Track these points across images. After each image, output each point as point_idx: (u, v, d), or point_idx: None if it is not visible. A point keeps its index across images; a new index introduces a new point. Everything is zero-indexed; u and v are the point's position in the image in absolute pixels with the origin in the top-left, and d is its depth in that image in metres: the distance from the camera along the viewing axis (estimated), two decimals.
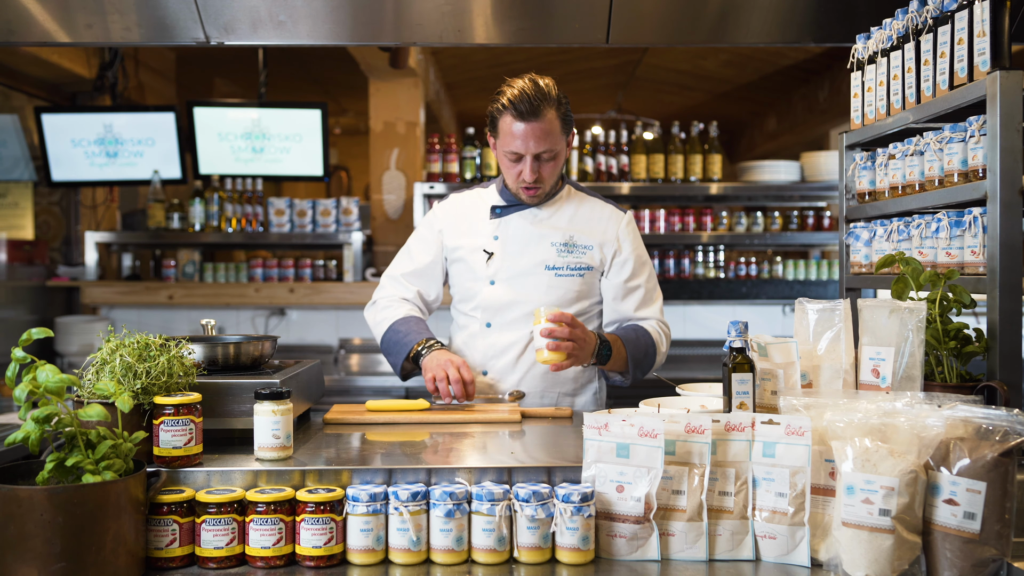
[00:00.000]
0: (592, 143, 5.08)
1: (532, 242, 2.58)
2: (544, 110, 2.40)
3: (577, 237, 2.58)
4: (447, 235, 2.66)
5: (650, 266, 2.67)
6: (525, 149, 2.42)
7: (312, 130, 5.32)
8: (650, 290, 2.64)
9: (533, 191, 2.52)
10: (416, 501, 1.63)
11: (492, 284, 2.58)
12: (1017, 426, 1.49)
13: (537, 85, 2.41)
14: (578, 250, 2.57)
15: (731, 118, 9.34)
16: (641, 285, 2.61)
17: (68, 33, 3.12)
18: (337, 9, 3.06)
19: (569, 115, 2.48)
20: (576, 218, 2.61)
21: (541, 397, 2.57)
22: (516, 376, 2.57)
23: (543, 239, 2.57)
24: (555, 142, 2.44)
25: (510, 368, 2.58)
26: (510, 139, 2.43)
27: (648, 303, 2.63)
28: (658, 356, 2.59)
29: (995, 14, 1.90)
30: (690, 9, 3.13)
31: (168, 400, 1.75)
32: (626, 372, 2.55)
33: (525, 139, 2.41)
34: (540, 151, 2.43)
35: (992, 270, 1.85)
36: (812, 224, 5.17)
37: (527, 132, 2.40)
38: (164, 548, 1.62)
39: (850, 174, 2.53)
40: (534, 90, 2.39)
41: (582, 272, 2.57)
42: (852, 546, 1.53)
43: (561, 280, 2.55)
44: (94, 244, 5.23)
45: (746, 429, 1.66)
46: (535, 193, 2.53)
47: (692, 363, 5.17)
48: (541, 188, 2.52)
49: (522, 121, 2.39)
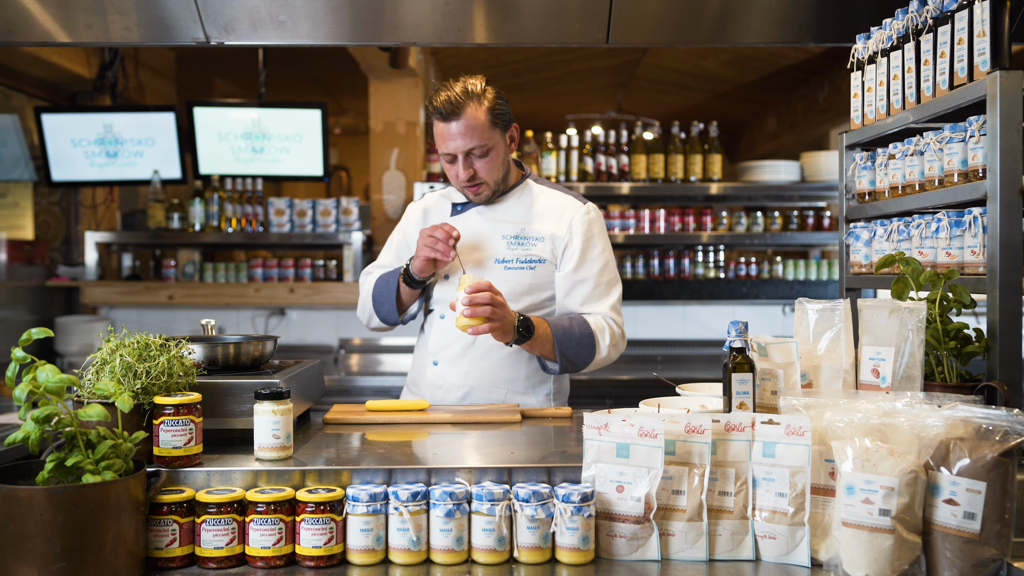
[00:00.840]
0: (592, 143, 5.08)
1: (484, 237, 2.57)
2: (466, 108, 2.42)
3: (529, 229, 2.56)
4: (411, 236, 2.71)
5: (605, 260, 2.57)
6: (454, 148, 2.45)
7: (312, 130, 5.32)
8: (601, 284, 2.55)
9: (474, 189, 2.53)
10: (416, 501, 1.63)
11: (446, 279, 2.60)
12: (1017, 426, 1.49)
13: (462, 85, 2.45)
14: (528, 242, 2.55)
15: (731, 118, 9.34)
16: (589, 278, 2.54)
17: (68, 33, 3.12)
18: (337, 9, 3.06)
19: (502, 110, 2.49)
20: (531, 211, 2.59)
21: (490, 392, 2.54)
22: (463, 367, 2.55)
23: (495, 233, 2.57)
24: (483, 138, 2.44)
25: (458, 358, 2.56)
26: (440, 141, 2.48)
27: (597, 299, 2.54)
28: (599, 350, 2.49)
29: (995, 14, 1.90)
30: (690, 9, 3.13)
31: (168, 400, 1.75)
32: (554, 359, 2.49)
33: (452, 138, 2.44)
34: (468, 148, 2.44)
35: (992, 270, 1.85)
36: (812, 224, 5.17)
37: (451, 131, 2.44)
38: (164, 548, 1.63)
39: (850, 174, 2.53)
40: (456, 90, 2.43)
41: (533, 265, 2.54)
42: (852, 546, 1.53)
43: (511, 273, 2.53)
44: (94, 244, 5.23)
45: (746, 429, 1.66)
46: (477, 191, 2.53)
47: (692, 363, 5.17)
48: (483, 185, 2.52)
49: (445, 121, 2.44)
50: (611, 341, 2.51)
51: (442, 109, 2.43)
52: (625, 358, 5.23)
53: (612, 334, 2.51)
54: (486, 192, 2.54)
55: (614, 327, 2.53)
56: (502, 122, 2.50)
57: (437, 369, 2.59)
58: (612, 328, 2.52)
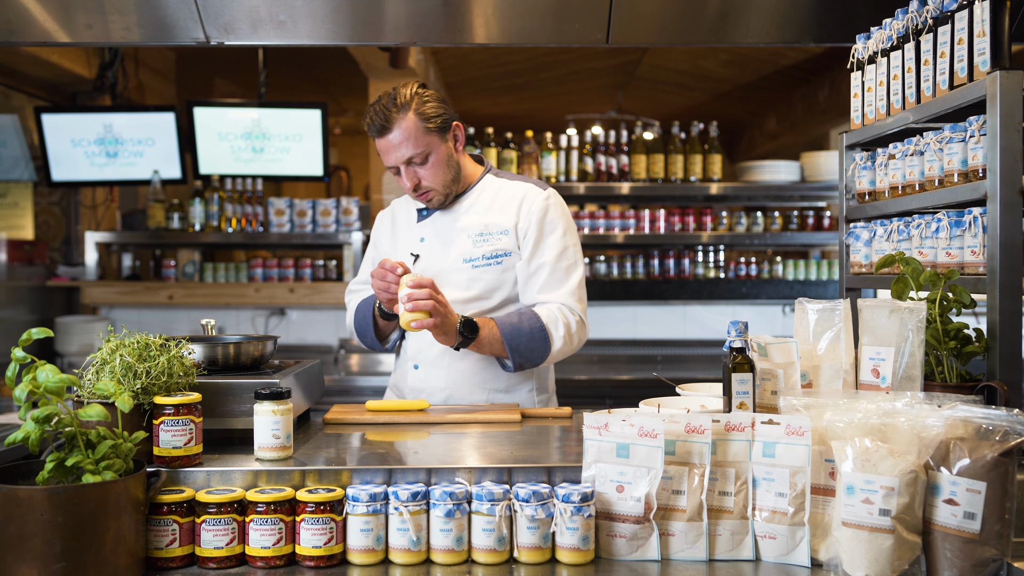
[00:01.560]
0: (592, 143, 5.08)
1: (451, 238, 2.54)
2: (395, 120, 2.39)
3: (492, 224, 2.52)
4: (381, 246, 2.71)
5: (564, 246, 2.50)
6: (394, 160, 2.43)
7: (312, 130, 5.32)
8: (559, 270, 2.48)
9: (424, 196, 2.50)
10: (416, 501, 1.63)
11: None
12: (1017, 426, 1.49)
13: (389, 97, 2.41)
14: (493, 237, 2.51)
15: (731, 118, 9.34)
16: (546, 264, 2.48)
17: (68, 33, 3.12)
18: (337, 9, 3.06)
19: (436, 113, 2.42)
20: (493, 205, 2.55)
21: (471, 392, 2.53)
22: (443, 370, 2.54)
23: (461, 233, 2.54)
24: (419, 145, 2.40)
25: (438, 361, 2.54)
26: (382, 157, 2.46)
27: (552, 286, 2.48)
28: (552, 342, 2.42)
29: (995, 14, 1.90)
30: (690, 9, 3.13)
31: (168, 400, 1.75)
32: (507, 357, 2.44)
33: (388, 151, 2.42)
34: (406, 158, 2.42)
35: (992, 270, 1.85)
36: (812, 224, 5.17)
37: (385, 146, 2.42)
38: (164, 548, 1.63)
39: (850, 174, 2.53)
40: (384, 103, 2.40)
41: (499, 259, 2.50)
42: (852, 546, 1.53)
43: (479, 271, 2.50)
44: (94, 244, 5.23)
45: (746, 429, 1.66)
46: (428, 198, 2.50)
47: (692, 363, 5.17)
48: (432, 192, 2.48)
49: (379, 137, 2.42)
50: (565, 332, 2.43)
51: (373, 126, 2.41)
52: (625, 358, 5.25)
53: (566, 324, 2.43)
54: (437, 198, 2.50)
55: (568, 316, 2.45)
56: (438, 125, 2.43)
57: (418, 373, 2.58)
58: (566, 317, 2.44)
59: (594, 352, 5.20)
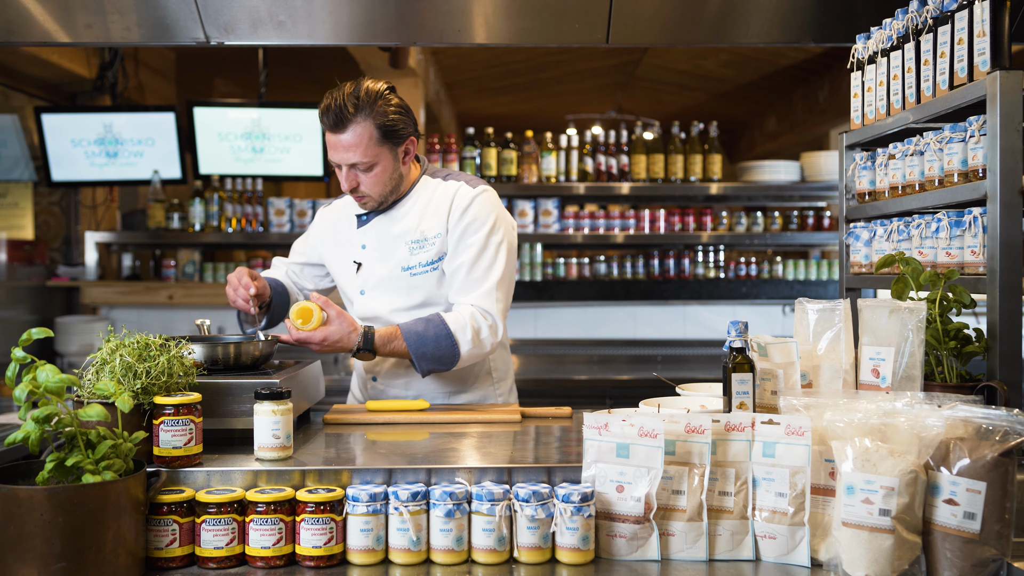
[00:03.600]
0: (592, 143, 5.08)
1: (390, 246, 2.48)
2: (351, 122, 2.29)
3: (426, 229, 2.45)
4: (324, 247, 2.65)
5: (483, 245, 2.41)
6: (338, 160, 2.35)
7: (312, 130, 5.32)
8: (476, 270, 2.41)
9: (359, 200, 2.44)
10: (416, 501, 1.63)
11: (362, 294, 2.53)
12: (1017, 426, 1.49)
13: (352, 94, 2.30)
14: (427, 243, 2.45)
15: (731, 118, 9.34)
16: (463, 264, 2.41)
17: (68, 33, 3.12)
18: (337, 9, 3.07)
19: (396, 125, 2.34)
20: (427, 209, 2.47)
21: (433, 396, 2.52)
22: (403, 379, 2.53)
23: (399, 240, 2.47)
24: (368, 154, 2.32)
25: (395, 370, 2.54)
26: (328, 147, 2.37)
27: (469, 287, 2.40)
28: (460, 346, 2.35)
29: (995, 14, 1.90)
30: (690, 9, 3.13)
31: (168, 400, 1.75)
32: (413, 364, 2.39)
33: (334, 149, 2.34)
34: (352, 163, 2.34)
35: (992, 270, 1.85)
36: (812, 224, 5.17)
37: (334, 143, 2.33)
38: (164, 548, 1.63)
39: (850, 174, 2.53)
40: (345, 100, 2.29)
41: (435, 265, 2.45)
42: (852, 546, 1.53)
43: (418, 279, 2.46)
44: (94, 244, 5.23)
45: (746, 429, 1.66)
46: (363, 202, 2.44)
47: (692, 363, 5.17)
48: (367, 198, 2.42)
49: (332, 133, 2.32)
50: (473, 336, 2.35)
51: (327, 117, 2.31)
52: (625, 358, 5.24)
53: (475, 328, 2.36)
54: (371, 204, 2.45)
55: (479, 320, 2.37)
56: (395, 138, 2.36)
57: (378, 384, 2.57)
58: (476, 322, 2.37)
59: (594, 352, 5.21)
